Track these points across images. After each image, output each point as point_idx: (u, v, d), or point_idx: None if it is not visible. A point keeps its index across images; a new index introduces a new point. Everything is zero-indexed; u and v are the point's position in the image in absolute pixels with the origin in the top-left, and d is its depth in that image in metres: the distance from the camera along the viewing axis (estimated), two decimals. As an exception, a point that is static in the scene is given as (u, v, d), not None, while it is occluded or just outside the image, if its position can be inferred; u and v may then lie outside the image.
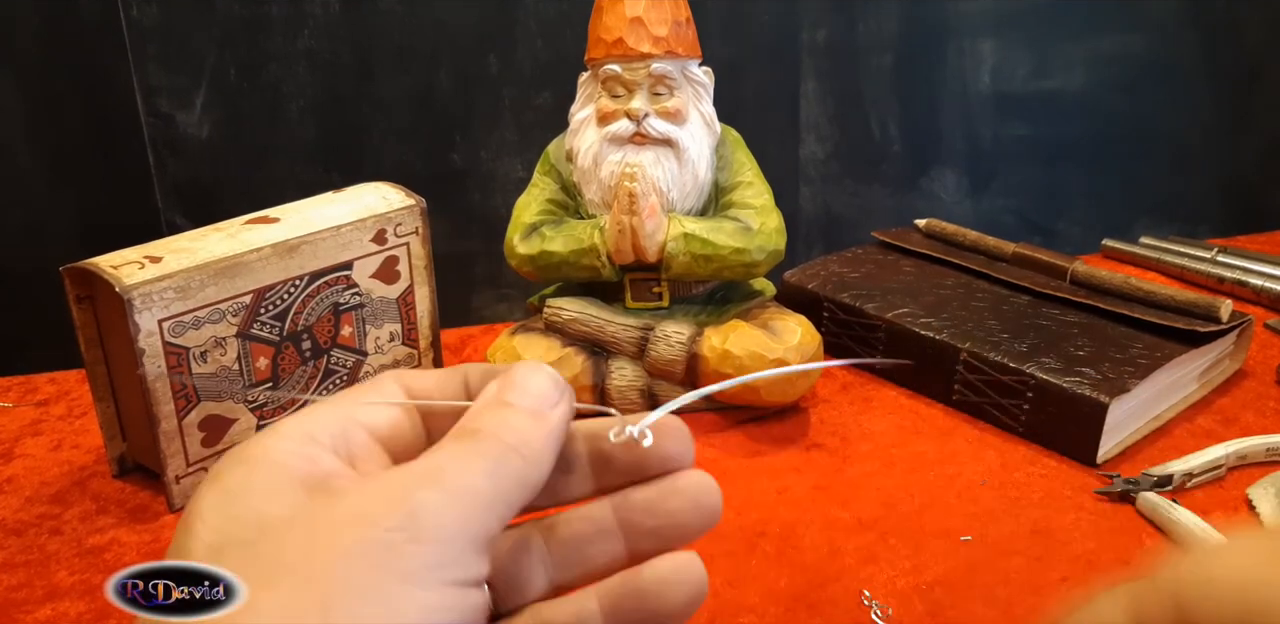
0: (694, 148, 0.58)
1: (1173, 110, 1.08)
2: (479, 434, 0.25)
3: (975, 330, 0.61)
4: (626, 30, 0.56)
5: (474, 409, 0.26)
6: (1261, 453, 0.54)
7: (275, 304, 0.54)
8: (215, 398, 0.53)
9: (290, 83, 0.93)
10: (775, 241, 0.59)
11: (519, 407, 0.26)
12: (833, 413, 0.61)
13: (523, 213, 0.61)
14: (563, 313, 0.59)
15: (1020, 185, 1.09)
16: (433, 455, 0.25)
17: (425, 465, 0.24)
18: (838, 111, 1.04)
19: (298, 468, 0.25)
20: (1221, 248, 0.80)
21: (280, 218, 0.56)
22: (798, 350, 0.56)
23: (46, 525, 0.51)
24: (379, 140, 0.97)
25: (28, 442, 0.60)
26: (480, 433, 0.25)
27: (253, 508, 0.23)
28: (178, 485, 0.52)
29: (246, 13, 0.91)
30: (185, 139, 0.94)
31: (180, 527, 0.24)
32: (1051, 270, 0.69)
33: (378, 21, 0.93)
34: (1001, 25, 1.03)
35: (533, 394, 0.26)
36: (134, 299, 0.48)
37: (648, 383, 0.59)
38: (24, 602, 0.45)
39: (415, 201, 0.61)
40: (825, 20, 1.00)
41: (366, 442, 0.27)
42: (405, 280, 0.62)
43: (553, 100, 0.96)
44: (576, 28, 0.60)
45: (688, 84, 0.58)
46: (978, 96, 1.05)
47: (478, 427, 0.25)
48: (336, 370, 0.59)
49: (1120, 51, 1.05)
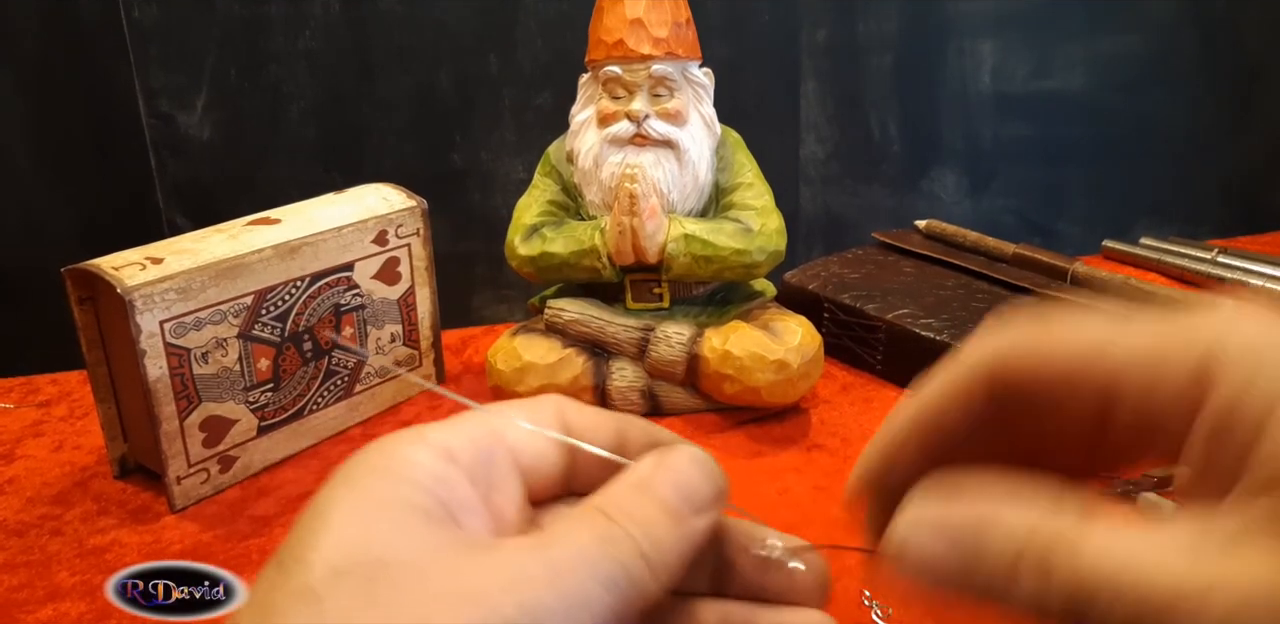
0: (694, 149, 0.58)
1: (1173, 110, 1.09)
2: (613, 527, 0.23)
3: (975, 331, 0.61)
4: (627, 32, 0.56)
5: (619, 487, 0.24)
6: (1261, 453, 0.54)
7: (276, 305, 0.55)
8: (216, 399, 0.53)
9: (290, 83, 0.93)
10: (776, 242, 0.59)
11: (666, 502, 0.24)
12: (833, 413, 0.61)
13: (523, 214, 0.61)
14: (563, 314, 0.59)
15: (1020, 185, 1.09)
16: (562, 543, 0.23)
17: (551, 559, 0.22)
18: (838, 111, 1.04)
19: (432, 492, 0.23)
20: (1222, 249, 0.80)
21: (281, 219, 0.56)
22: (798, 351, 0.56)
23: (48, 526, 0.51)
24: (379, 140, 0.97)
25: (29, 442, 0.60)
26: (615, 525, 0.23)
27: (381, 535, 0.22)
28: (179, 486, 0.52)
29: (246, 13, 0.91)
30: (186, 139, 0.94)
31: (302, 526, 0.22)
32: (1051, 271, 0.69)
33: (378, 21, 0.93)
34: (1001, 25, 1.03)
35: (685, 491, 0.24)
36: (135, 300, 0.48)
37: (648, 384, 0.60)
38: (25, 602, 0.46)
39: (416, 203, 0.61)
40: (825, 20, 1.00)
41: (507, 467, 0.25)
42: (406, 281, 0.62)
43: (553, 101, 0.96)
44: (576, 28, 0.60)
45: (688, 85, 0.58)
46: (978, 96, 1.05)
47: (615, 514, 0.23)
48: (337, 371, 0.59)
49: (1120, 51, 1.05)
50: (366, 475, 0.23)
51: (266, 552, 0.49)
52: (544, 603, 0.21)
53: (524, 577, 0.21)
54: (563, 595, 0.21)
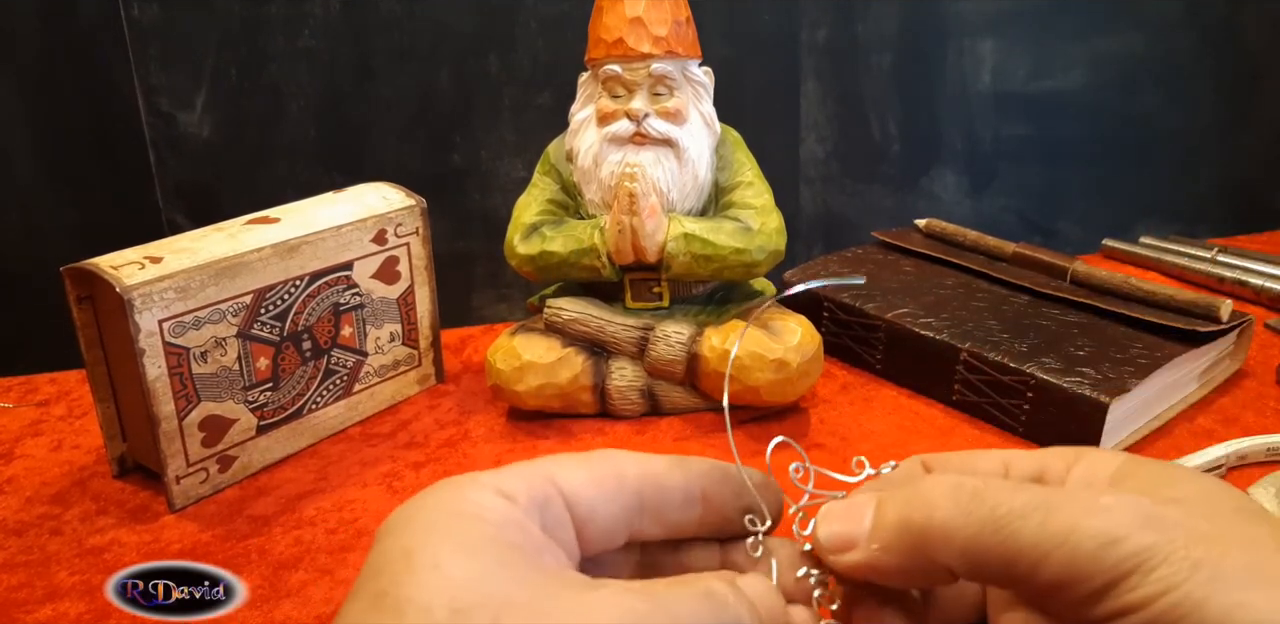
0: (694, 148, 0.58)
1: (1173, 110, 1.09)
2: (715, 581, 0.24)
3: (975, 330, 0.61)
4: (627, 30, 0.56)
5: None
6: (1262, 453, 0.54)
7: (276, 304, 0.54)
8: (215, 398, 0.53)
9: (290, 83, 0.93)
10: (775, 242, 0.59)
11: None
12: (833, 413, 0.61)
13: (523, 213, 0.61)
14: (563, 313, 0.59)
15: (1020, 185, 1.09)
16: (665, 583, 0.24)
17: (655, 593, 0.23)
18: (838, 111, 1.04)
19: (513, 532, 0.24)
20: (1221, 248, 0.80)
21: (281, 218, 0.56)
22: (798, 350, 0.56)
23: (47, 526, 0.51)
24: (379, 140, 0.97)
25: (28, 442, 0.60)
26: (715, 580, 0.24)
27: (491, 575, 0.22)
28: (178, 486, 0.52)
29: (246, 13, 0.91)
30: (186, 139, 0.94)
31: (395, 568, 0.22)
32: (1051, 270, 0.69)
33: (378, 21, 0.93)
34: (1001, 25, 1.03)
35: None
36: (134, 299, 0.48)
37: (648, 383, 0.59)
38: (24, 602, 0.45)
39: (415, 202, 0.61)
40: (825, 20, 1.00)
41: (560, 509, 0.26)
42: (405, 280, 0.62)
43: (553, 100, 0.96)
44: (576, 28, 0.60)
45: (688, 84, 0.58)
46: (978, 96, 1.05)
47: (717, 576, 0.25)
48: (337, 370, 0.59)
49: (1120, 51, 1.05)
50: (450, 519, 0.23)
51: (266, 551, 0.49)
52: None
53: (633, 611, 0.22)
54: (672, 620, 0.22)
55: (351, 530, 0.50)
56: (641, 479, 0.27)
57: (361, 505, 0.53)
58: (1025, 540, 0.23)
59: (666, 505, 0.27)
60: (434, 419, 0.61)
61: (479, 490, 0.24)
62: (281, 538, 0.50)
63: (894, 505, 0.26)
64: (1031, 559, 0.23)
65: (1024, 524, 0.23)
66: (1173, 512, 0.23)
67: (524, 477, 0.25)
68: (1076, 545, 0.22)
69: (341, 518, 0.52)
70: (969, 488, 0.24)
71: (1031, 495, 0.24)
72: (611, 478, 0.27)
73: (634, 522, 0.27)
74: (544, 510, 0.25)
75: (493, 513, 0.24)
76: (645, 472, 0.27)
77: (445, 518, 0.23)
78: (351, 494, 0.54)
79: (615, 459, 0.27)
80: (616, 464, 0.27)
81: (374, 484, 0.55)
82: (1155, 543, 0.22)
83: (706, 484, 0.28)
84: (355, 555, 0.48)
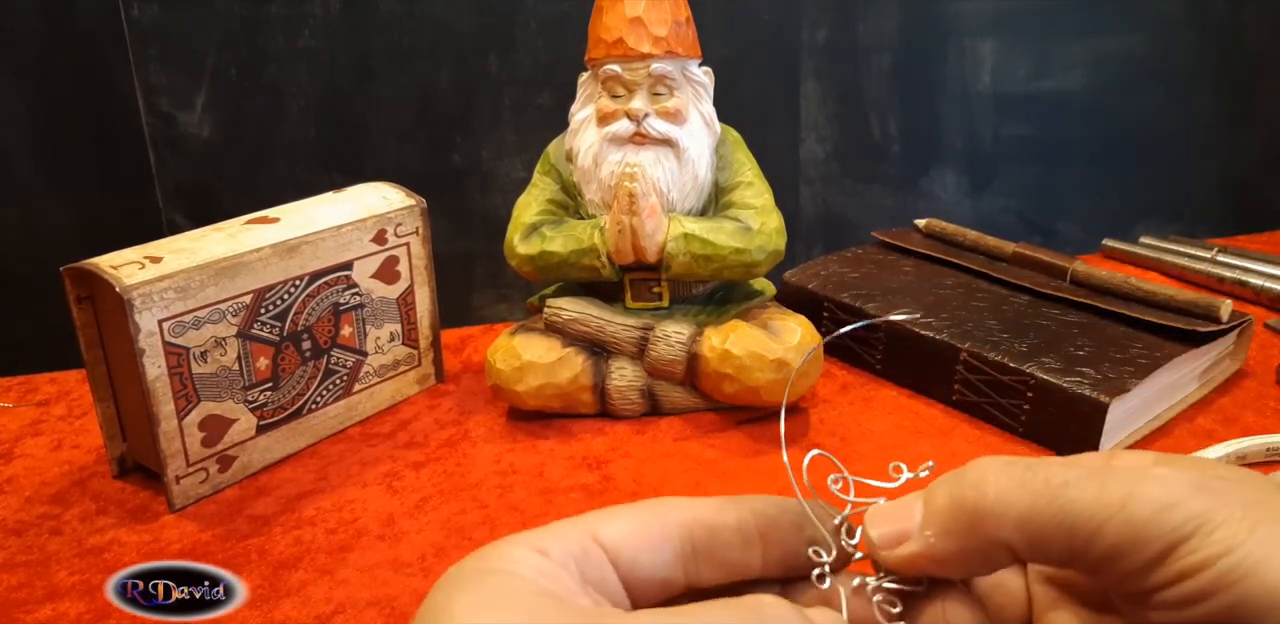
0: (694, 148, 0.58)
1: (1173, 110, 1.09)
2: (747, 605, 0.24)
3: (975, 330, 0.61)
4: (626, 30, 0.56)
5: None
6: (1261, 453, 0.54)
7: (275, 304, 0.54)
8: (215, 398, 0.53)
9: (290, 83, 0.93)
10: (775, 242, 0.59)
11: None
12: (833, 413, 0.61)
13: (523, 213, 0.61)
14: (563, 313, 0.59)
15: (1020, 185, 1.09)
16: (697, 606, 0.24)
17: (688, 612, 0.23)
18: (838, 111, 1.04)
19: (545, 586, 0.24)
20: (1221, 248, 0.80)
21: (280, 218, 0.56)
22: (798, 350, 0.56)
23: (46, 525, 0.51)
24: (379, 140, 0.97)
25: (28, 442, 0.60)
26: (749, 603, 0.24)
27: (518, 620, 0.22)
28: (178, 485, 0.52)
29: (246, 13, 0.91)
30: (186, 139, 0.94)
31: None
32: (1051, 270, 0.69)
33: (378, 21, 0.93)
34: (1001, 25, 1.03)
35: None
36: (134, 299, 0.48)
37: (648, 383, 0.59)
38: (24, 602, 0.45)
39: (415, 202, 0.61)
40: (825, 20, 1.00)
41: (599, 561, 0.25)
42: (405, 280, 0.62)
43: (553, 100, 0.96)
44: (576, 28, 0.60)
45: (687, 84, 0.58)
46: (978, 96, 1.05)
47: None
48: (336, 370, 0.59)
49: (1120, 51, 1.05)
50: (477, 576, 0.24)
51: (265, 551, 0.49)
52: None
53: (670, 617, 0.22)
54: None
55: (351, 530, 0.50)
56: (689, 524, 0.27)
57: (361, 505, 0.53)
58: (1083, 508, 0.23)
59: (722, 548, 0.27)
60: (434, 419, 0.61)
61: (513, 547, 0.25)
62: (281, 538, 0.50)
63: (944, 489, 0.26)
64: (1090, 528, 0.23)
65: (1080, 493, 0.23)
66: (1220, 483, 0.23)
67: (561, 532, 0.26)
68: (1134, 511, 0.23)
69: (341, 518, 0.52)
70: (1021, 463, 0.25)
71: (1084, 467, 0.24)
72: (656, 525, 0.26)
73: (687, 568, 0.27)
74: (582, 563, 0.25)
75: (524, 567, 0.24)
76: (693, 516, 0.27)
77: (469, 577, 0.24)
78: (351, 494, 0.54)
79: (661, 506, 0.27)
80: (661, 511, 0.27)
81: (374, 484, 0.55)
82: (1211, 506, 0.22)
83: (762, 521, 0.28)
84: (355, 555, 0.48)
